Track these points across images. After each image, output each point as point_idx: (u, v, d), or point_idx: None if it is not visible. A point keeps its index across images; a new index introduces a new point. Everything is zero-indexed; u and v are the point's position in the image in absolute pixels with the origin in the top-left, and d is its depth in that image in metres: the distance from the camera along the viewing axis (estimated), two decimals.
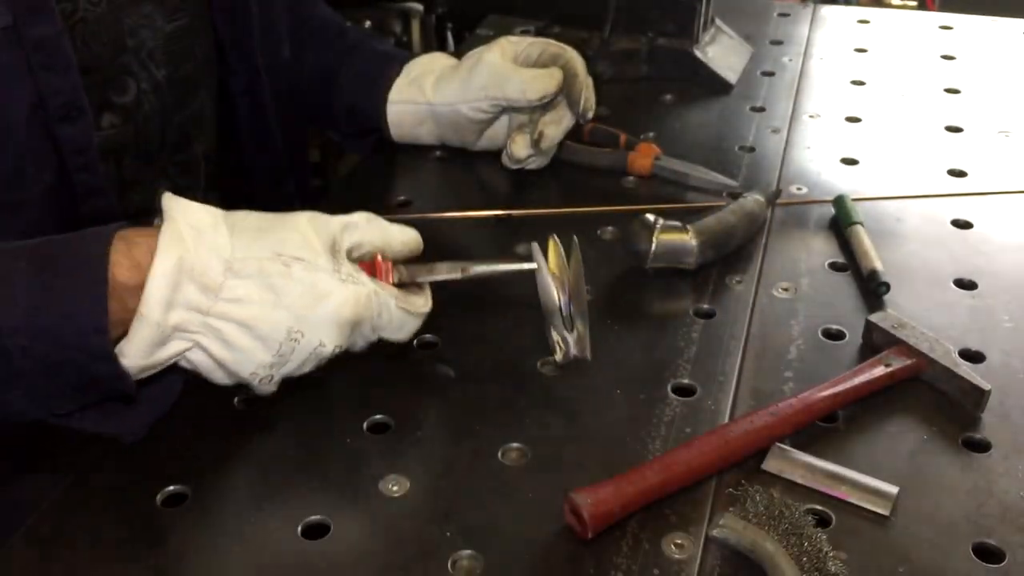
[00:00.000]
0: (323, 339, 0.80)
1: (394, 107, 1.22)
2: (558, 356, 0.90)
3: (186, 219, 0.79)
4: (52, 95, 0.91)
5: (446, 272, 0.89)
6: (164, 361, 0.79)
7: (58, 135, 0.93)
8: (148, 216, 0.83)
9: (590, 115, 1.18)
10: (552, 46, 1.18)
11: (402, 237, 0.88)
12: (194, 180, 1.16)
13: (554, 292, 0.89)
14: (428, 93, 1.20)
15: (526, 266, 0.90)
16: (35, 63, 0.89)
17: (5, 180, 0.92)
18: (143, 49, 1.02)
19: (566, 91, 1.15)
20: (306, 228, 0.82)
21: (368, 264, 0.86)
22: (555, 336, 0.90)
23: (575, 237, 0.90)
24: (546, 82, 1.13)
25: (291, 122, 1.30)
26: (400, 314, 0.85)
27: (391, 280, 0.87)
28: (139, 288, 0.76)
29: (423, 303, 0.88)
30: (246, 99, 1.19)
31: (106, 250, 0.77)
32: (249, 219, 0.82)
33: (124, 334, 0.77)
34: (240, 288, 0.78)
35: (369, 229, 0.86)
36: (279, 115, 1.24)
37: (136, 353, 0.77)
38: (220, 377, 0.82)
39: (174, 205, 0.80)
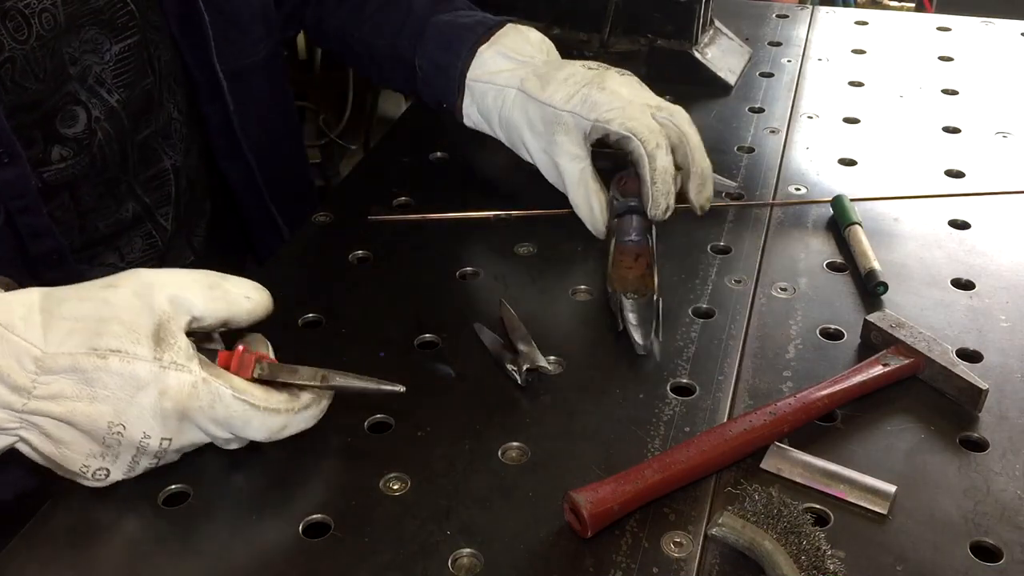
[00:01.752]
0: (145, 431, 0.77)
1: (471, 125, 1.20)
2: (519, 380, 0.91)
3: None
4: None
5: (307, 378, 0.82)
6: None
7: None
8: (111, 243, 0.78)
9: (665, 217, 1.06)
10: (612, 136, 1.06)
11: (247, 306, 0.82)
12: (164, 195, 1.14)
13: (497, 342, 0.95)
14: (497, 133, 1.17)
15: (388, 387, 0.84)
16: None
17: None
18: (89, 75, 0.98)
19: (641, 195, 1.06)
20: (130, 311, 0.77)
21: (227, 354, 0.81)
22: (509, 368, 0.92)
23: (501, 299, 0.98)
24: (601, 226, 1.08)
25: (278, 124, 1.28)
26: (240, 407, 0.78)
27: (250, 375, 0.81)
28: None
29: (283, 400, 0.81)
30: (213, 106, 1.17)
31: None
32: (66, 305, 0.77)
33: None
34: (54, 384, 0.75)
35: (209, 301, 0.80)
36: (252, 117, 1.21)
37: None
38: (55, 468, 0.78)
39: None
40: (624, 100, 1.08)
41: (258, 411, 0.79)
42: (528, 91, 1.12)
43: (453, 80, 1.17)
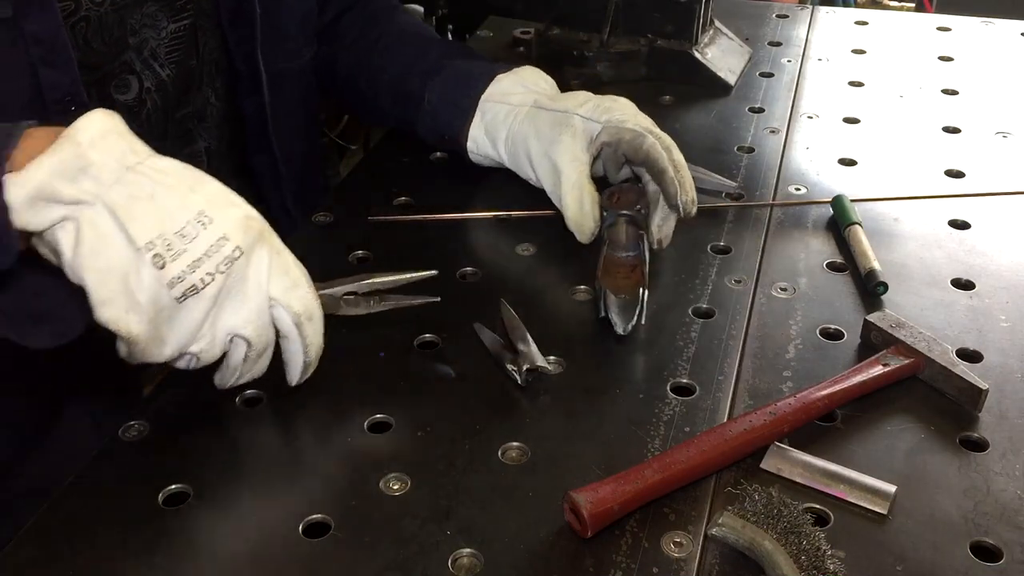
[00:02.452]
0: (228, 233, 0.79)
1: (473, 155, 1.22)
2: (519, 380, 0.92)
3: None
4: (50, 89, 0.91)
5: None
6: (43, 223, 0.75)
7: None
8: None
9: (693, 210, 1.05)
10: (627, 134, 1.07)
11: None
12: None
13: (497, 342, 0.96)
14: (501, 153, 1.18)
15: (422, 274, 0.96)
16: (34, 57, 0.89)
17: None
18: (145, 48, 1.03)
19: (660, 189, 1.06)
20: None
21: None
22: (509, 368, 0.92)
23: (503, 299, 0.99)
24: (588, 229, 1.09)
25: (302, 124, 1.30)
26: (294, 261, 0.84)
27: None
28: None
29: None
30: (251, 100, 1.20)
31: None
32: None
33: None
34: (164, 163, 0.79)
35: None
36: (286, 118, 1.23)
37: (37, 178, 0.73)
38: (114, 254, 0.76)
39: None
40: (634, 111, 1.12)
41: (303, 275, 0.85)
42: (541, 104, 1.15)
43: (465, 107, 1.19)
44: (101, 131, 0.76)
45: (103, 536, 0.78)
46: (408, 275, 0.96)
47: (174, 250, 0.77)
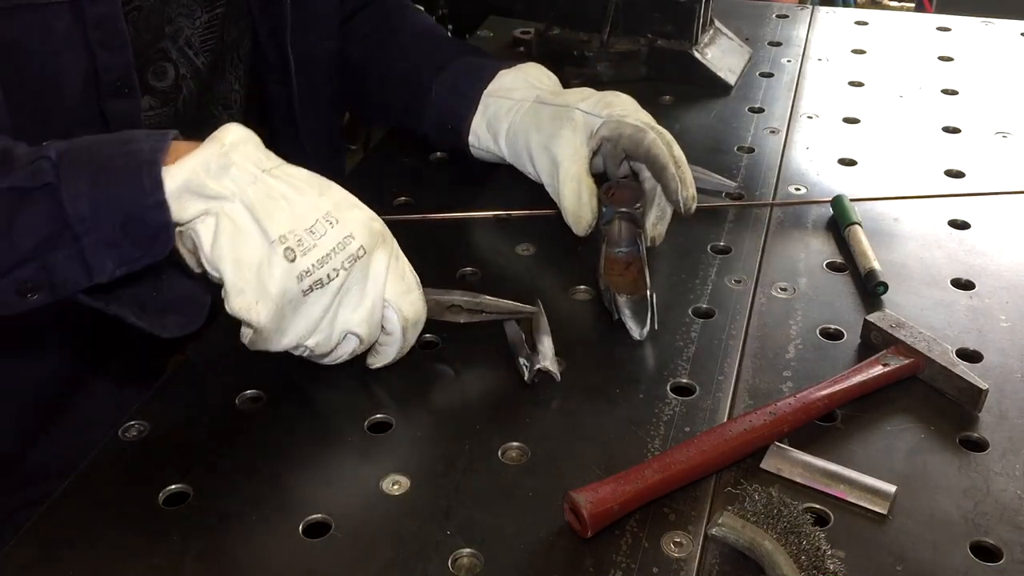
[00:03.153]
0: (354, 233, 0.83)
1: (474, 149, 1.22)
2: (525, 377, 0.92)
3: None
4: (106, 71, 0.96)
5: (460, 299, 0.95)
6: (187, 215, 0.80)
7: (108, 109, 0.97)
8: None
9: (693, 206, 1.05)
10: (628, 128, 1.07)
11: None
12: None
13: (518, 335, 0.96)
14: (501, 147, 1.19)
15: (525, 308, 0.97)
16: (93, 39, 0.94)
17: None
18: (180, 36, 1.06)
19: (661, 184, 1.06)
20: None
21: None
22: (520, 361, 0.93)
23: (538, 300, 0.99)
24: (585, 221, 1.09)
25: (327, 113, 1.31)
26: (409, 267, 0.89)
27: None
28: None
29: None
30: (277, 87, 1.22)
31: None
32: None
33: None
34: (295, 169, 0.85)
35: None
36: (312, 106, 1.25)
37: (187, 171, 0.78)
38: (250, 246, 0.81)
39: None
40: (635, 107, 1.12)
41: (415, 279, 0.90)
42: (543, 99, 1.15)
43: (470, 98, 1.20)
44: (242, 138, 0.82)
45: (103, 536, 0.78)
46: (513, 305, 0.97)
47: (304, 245, 0.81)
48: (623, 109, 1.10)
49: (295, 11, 1.17)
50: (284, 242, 0.81)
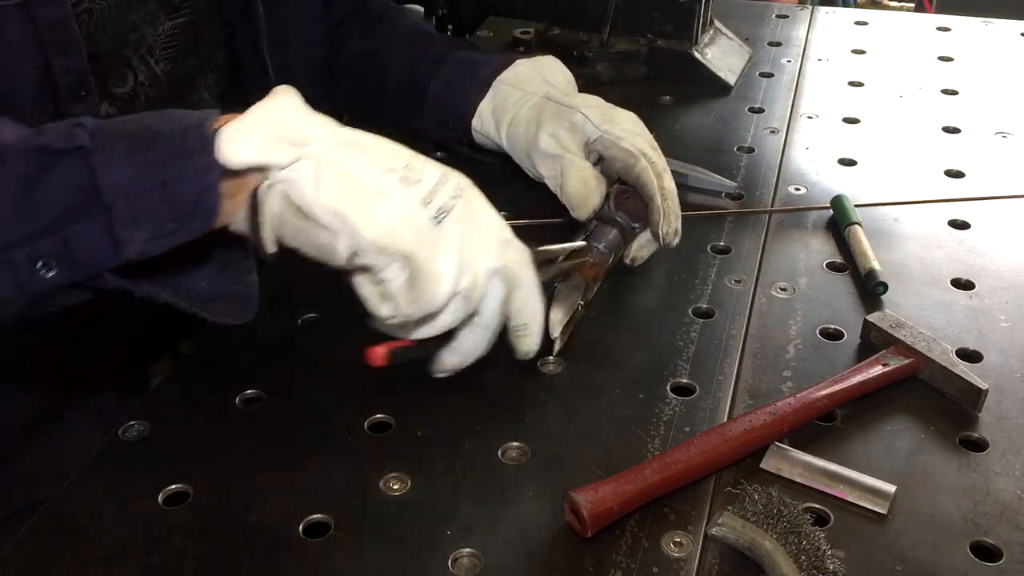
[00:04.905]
0: (445, 172, 0.81)
1: (476, 133, 1.21)
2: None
3: None
4: (62, 74, 0.94)
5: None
6: (285, 160, 0.75)
7: (66, 113, 0.95)
8: None
9: (675, 241, 1.05)
10: (621, 152, 1.06)
11: None
12: None
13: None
14: (502, 136, 1.18)
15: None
16: (47, 41, 0.92)
17: None
18: (143, 44, 1.04)
19: (648, 213, 1.05)
20: None
21: None
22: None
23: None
24: (592, 203, 1.08)
25: None
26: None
27: None
28: None
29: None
30: (259, 97, 1.20)
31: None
32: None
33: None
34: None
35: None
36: None
37: (280, 114, 0.76)
38: (362, 176, 0.77)
39: None
40: (637, 129, 1.10)
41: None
42: (552, 96, 1.15)
43: (480, 78, 1.19)
44: (296, 95, 0.78)
45: (103, 536, 0.78)
46: (564, 245, 0.96)
47: (413, 176, 0.78)
48: (622, 129, 1.08)
49: (271, 20, 1.16)
50: (393, 171, 0.77)
